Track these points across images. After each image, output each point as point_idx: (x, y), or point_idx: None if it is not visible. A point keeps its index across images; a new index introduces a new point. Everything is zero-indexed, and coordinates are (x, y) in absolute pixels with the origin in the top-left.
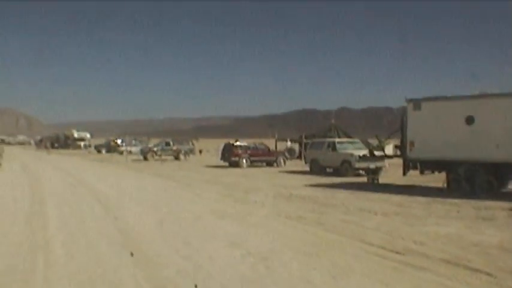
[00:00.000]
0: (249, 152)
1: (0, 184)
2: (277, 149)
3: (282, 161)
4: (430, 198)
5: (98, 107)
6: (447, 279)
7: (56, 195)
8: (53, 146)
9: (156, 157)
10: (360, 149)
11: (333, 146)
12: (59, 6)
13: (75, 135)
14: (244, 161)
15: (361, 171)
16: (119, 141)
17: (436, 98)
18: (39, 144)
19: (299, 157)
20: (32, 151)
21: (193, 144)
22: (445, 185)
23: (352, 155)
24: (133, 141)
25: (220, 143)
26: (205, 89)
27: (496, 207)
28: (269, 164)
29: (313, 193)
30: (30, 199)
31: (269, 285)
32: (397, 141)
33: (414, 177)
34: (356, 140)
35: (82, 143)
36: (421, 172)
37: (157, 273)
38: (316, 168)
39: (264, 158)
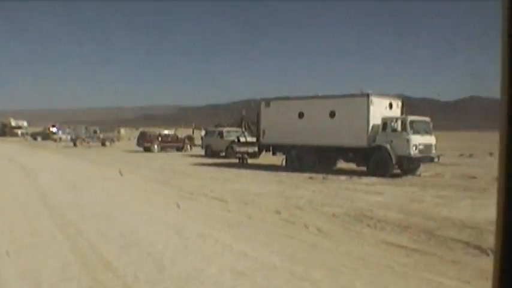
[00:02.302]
0: (160, 139)
1: None
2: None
3: (188, 146)
4: (268, 171)
5: (42, 95)
6: (207, 205)
7: None
8: None
9: (85, 143)
10: (244, 137)
11: (221, 134)
12: None
13: (13, 123)
14: (155, 146)
15: (243, 155)
16: (53, 130)
17: (279, 98)
18: None
19: None
20: None
21: (118, 132)
22: (284, 163)
23: (234, 141)
24: (67, 130)
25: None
26: (151, 78)
27: (304, 177)
28: (178, 149)
29: (187, 168)
30: None
31: (112, 204)
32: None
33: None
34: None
35: (19, 131)
36: (273, 154)
37: (48, 199)
38: (210, 152)
39: (173, 144)
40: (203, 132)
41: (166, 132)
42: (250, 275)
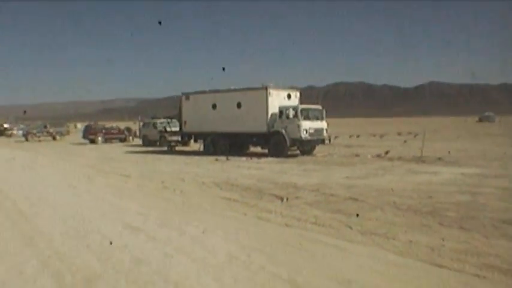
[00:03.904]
0: (103, 131)
1: None
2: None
3: (130, 138)
4: (186, 156)
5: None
6: (113, 179)
7: None
8: None
9: (36, 138)
10: (176, 127)
11: (154, 125)
12: None
13: None
14: (99, 138)
15: (171, 143)
16: (6, 125)
17: (196, 92)
18: None
19: None
20: None
21: (67, 126)
22: (202, 149)
23: (166, 131)
24: (21, 125)
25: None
26: (111, 72)
27: (212, 159)
28: (121, 140)
29: (119, 156)
30: None
31: (40, 180)
32: None
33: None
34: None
35: None
36: (195, 141)
37: None
38: (147, 142)
39: (116, 136)
40: (141, 124)
41: (110, 125)
42: (109, 213)
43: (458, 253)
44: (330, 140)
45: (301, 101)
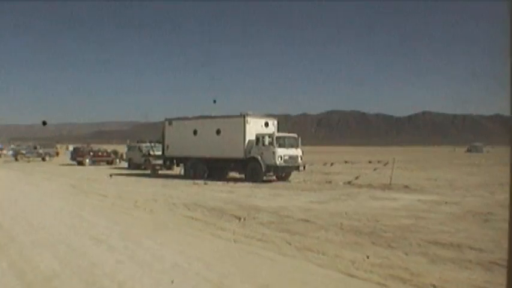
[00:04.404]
0: (91, 153)
1: None
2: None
3: (118, 160)
4: (167, 179)
5: None
6: (91, 198)
7: None
8: None
9: (25, 158)
10: (159, 151)
11: (140, 149)
12: None
13: None
14: (87, 160)
15: (155, 166)
16: None
17: (179, 118)
18: None
19: None
20: None
21: (56, 148)
22: (182, 172)
23: (149, 154)
24: (12, 146)
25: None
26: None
27: (190, 183)
28: (108, 162)
29: (102, 178)
30: None
31: (23, 197)
32: None
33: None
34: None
35: None
36: (177, 165)
37: None
38: (132, 165)
39: (103, 158)
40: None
41: (97, 148)
42: (79, 227)
43: (373, 266)
44: (304, 167)
45: (280, 129)
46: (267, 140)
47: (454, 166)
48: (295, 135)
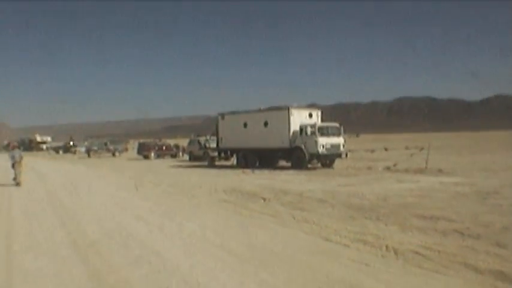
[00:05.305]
0: (156, 148)
1: None
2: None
3: (181, 153)
4: (220, 169)
5: (70, 110)
6: (147, 188)
7: None
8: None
9: (97, 154)
10: (209, 143)
11: (199, 142)
12: None
13: (38, 139)
14: (152, 154)
15: (213, 158)
16: (71, 143)
17: (231, 113)
18: (7, 147)
19: None
20: None
21: (126, 143)
22: (235, 163)
23: (209, 147)
24: (85, 143)
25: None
26: (177, 90)
27: (239, 172)
28: (173, 156)
29: (164, 169)
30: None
31: (92, 185)
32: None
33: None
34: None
35: (44, 146)
36: (231, 155)
37: (51, 182)
38: (192, 158)
39: (167, 152)
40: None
41: (162, 142)
42: (128, 208)
43: (350, 233)
44: (346, 154)
45: (348, 118)
46: (309, 130)
47: (509, 149)
48: (337, 124)
